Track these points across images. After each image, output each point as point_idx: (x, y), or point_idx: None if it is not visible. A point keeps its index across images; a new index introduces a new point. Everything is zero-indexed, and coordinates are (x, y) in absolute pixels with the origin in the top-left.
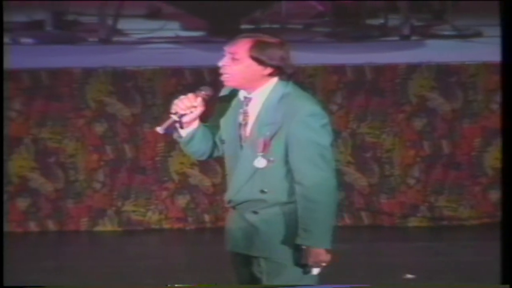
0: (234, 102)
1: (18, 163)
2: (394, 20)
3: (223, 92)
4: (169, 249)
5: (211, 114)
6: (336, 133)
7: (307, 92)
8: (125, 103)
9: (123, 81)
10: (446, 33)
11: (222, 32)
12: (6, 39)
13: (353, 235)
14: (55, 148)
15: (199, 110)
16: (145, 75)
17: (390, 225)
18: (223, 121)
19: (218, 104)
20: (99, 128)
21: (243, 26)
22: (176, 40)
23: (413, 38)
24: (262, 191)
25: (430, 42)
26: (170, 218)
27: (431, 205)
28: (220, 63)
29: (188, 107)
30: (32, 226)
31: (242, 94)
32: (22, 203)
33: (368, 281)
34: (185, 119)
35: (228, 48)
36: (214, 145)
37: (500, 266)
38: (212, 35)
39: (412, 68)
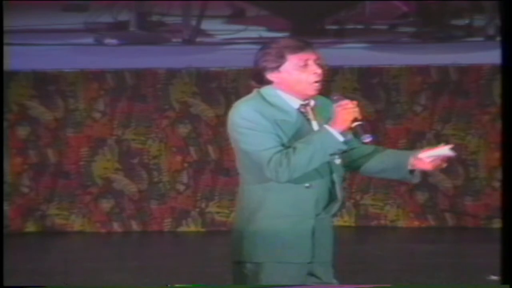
0: (295, 115)
1: (102, 165)
2: (479, 21)
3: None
4: None
5: None
6: (419, 134)
7: None
8: (209, 104)
9: (207, 82)
10: None
11: (306, 32)
12: (89, 40)
13: (437, 236)
14: (139, 149)
15: None
16: (229, 76)
17: (474, 227)
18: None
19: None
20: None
21: (327, 27)
22: (260, 41)
23: (499, 38)
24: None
25: None
26: None
27: None
28: (318, 71)
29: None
30: (116, 227)
31: (296, 104)
32: (106, 204)
33: (451, 281)
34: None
35: (316, 56)
36: None
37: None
38: (296, 36)
39: (497, 69)
